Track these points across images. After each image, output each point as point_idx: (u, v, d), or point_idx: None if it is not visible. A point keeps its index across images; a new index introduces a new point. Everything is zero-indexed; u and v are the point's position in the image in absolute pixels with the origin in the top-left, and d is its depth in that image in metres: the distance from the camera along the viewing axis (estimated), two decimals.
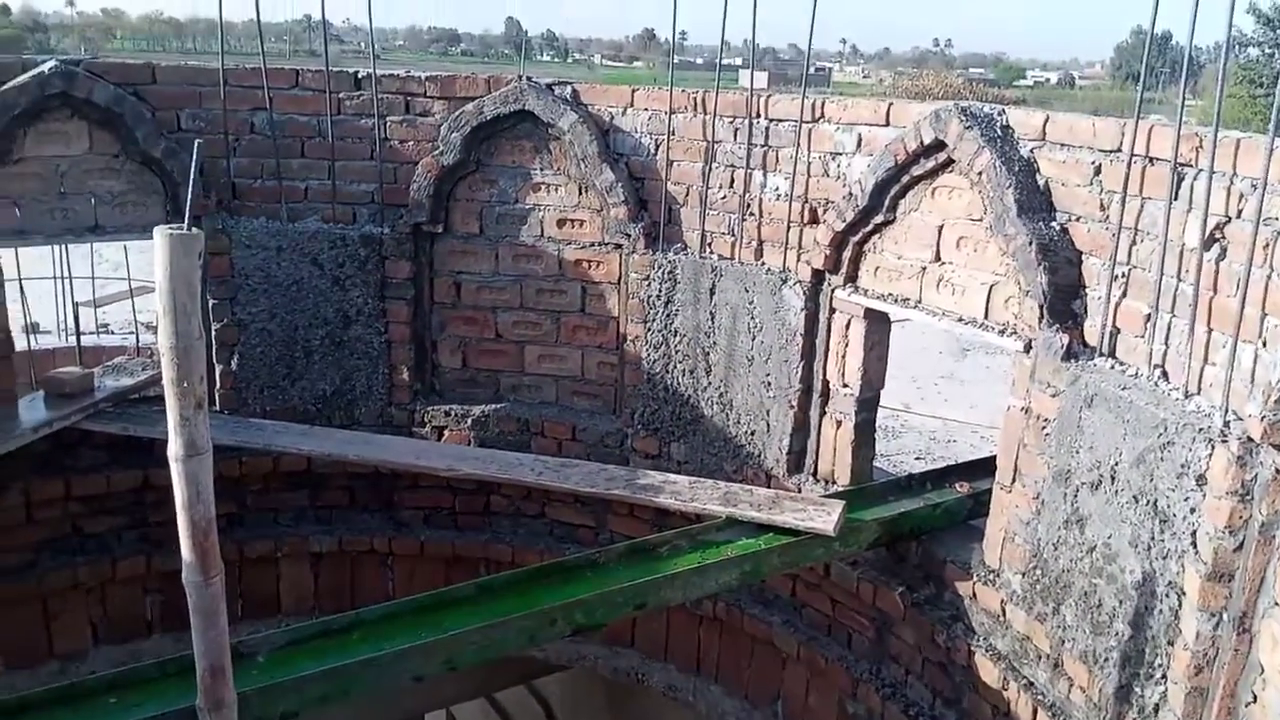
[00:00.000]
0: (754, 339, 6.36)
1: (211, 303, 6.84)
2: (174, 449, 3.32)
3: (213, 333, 6.88)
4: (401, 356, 7.15)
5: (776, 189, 6.20)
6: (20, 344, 8.68)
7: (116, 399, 6.71)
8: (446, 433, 7.25)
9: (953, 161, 5.14)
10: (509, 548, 7.40)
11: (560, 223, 6.94)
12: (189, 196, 3.03)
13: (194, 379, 3.22)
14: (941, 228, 5.37)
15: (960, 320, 5.33)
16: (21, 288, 11.81)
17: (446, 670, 4.60)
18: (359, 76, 6.80)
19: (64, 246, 8.61)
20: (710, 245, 6.57)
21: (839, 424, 6.10)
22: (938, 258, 5.41)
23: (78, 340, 8.45)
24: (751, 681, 6.87)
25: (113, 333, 13.41)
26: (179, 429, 3.28)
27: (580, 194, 6.82)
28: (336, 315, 7.00)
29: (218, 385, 6.99)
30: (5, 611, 6.54)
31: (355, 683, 4.32)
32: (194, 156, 2.98)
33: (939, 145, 5.15)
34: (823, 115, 5.91)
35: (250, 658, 4.29)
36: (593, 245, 6.91)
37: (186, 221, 3.11)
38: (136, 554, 6.91)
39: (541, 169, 6.85)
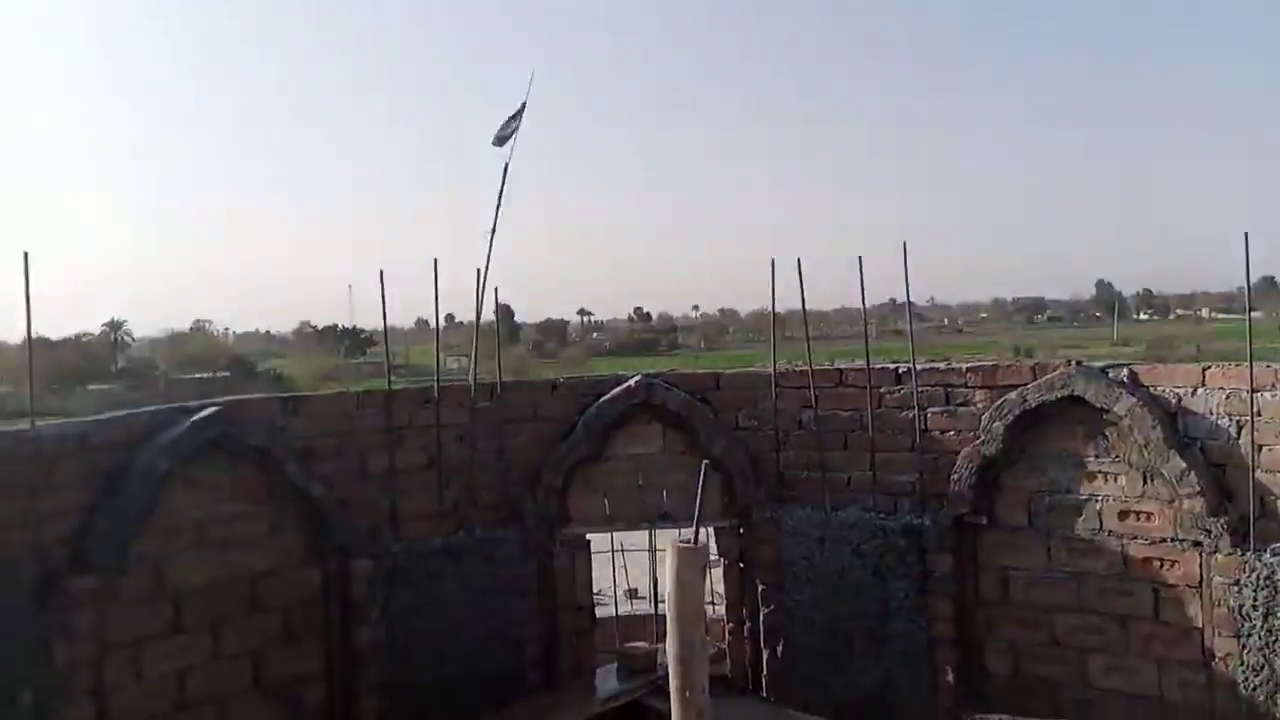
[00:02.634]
0: None
1: (760, 588, 7.17)
2: None
3: (760, 619, 7.16)
4: (945, 656, 6.72)
5: None
6: (614, 609, 9.81)
7: None
8: None
9: None
10: None
11: (1122, 514, 6.19)
12: (695, 515, 3.28)
13: (695, 688, 3.34)
14: None
15: None
16: (624, 558, 13.55)
17: None
18: (900, 372, 6.98)
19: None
20: None
21: None
22: None
23: (654, 610, 9.30)
24: None
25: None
26: None
27: (1145, 483, 6.06)
28: (878, 608, 6.87)
29: (764, 671, 7.17)
30: None
31: None
32: (700, 476, 3.24)
33: None
34: None
35: None
36: (1163, 541, 6.01)
37: (694, 535, 3.35)
38: None
39: (1097, 456, 6.26)
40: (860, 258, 7.15)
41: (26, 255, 5.40)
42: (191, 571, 6.03)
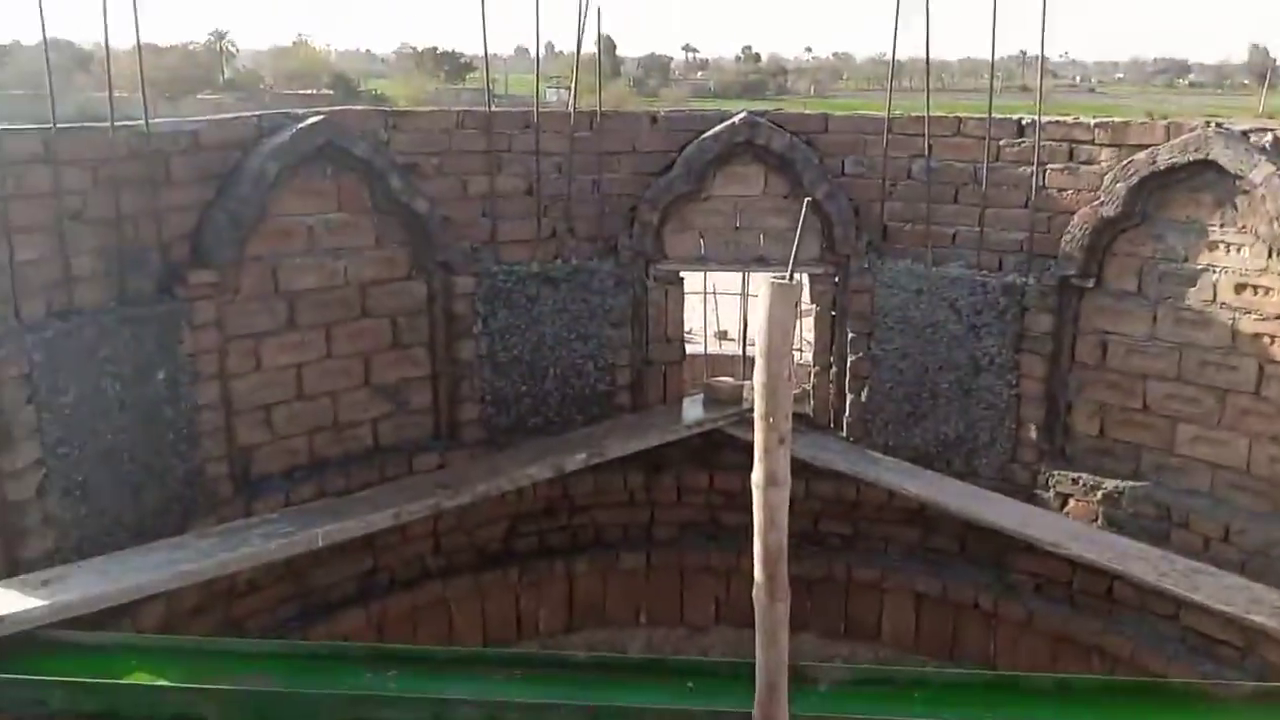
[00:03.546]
0: None
1: (849, 336, 7.23)
2: (756, 476, 3.58)
3: (848, 364, 7.27)
4: (1031, 413, 6.79)
5: None
6: (703, 348, 10.09)
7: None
8: (1072, 502, 6.70)
9: None
10: (1128, 643, 6.57)
11: (1239, 288, 5.95)
12: (793, 252, 3.25)
13: (779, 416, 3.44)
14: None
15: None
16: (716, 301, 13.77)
17: None
18: (1022, 123, 6.59)
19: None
20: None
21: None
22: None
23: (743, 352, 9.51)
24: None
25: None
26: (761, 458, 3.53)
27: (1269, 257, 5.77)
28: (968, 362, 6.89)
29: (846, 414, 7.37)
30: (653, 577, 7.70)
31: None
32: (802, 214, 3.18)
33: None
34: None
35: (812, 684, 4.45)
36: (1278, 318, 5.79)
37: (789, 273, 3.33)
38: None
39: (1222, 226, 5.94)
40: None
41: None
42: (303, 274, 6.34)
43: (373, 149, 6.36)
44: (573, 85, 7.45)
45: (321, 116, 6.23)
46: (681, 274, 7.46)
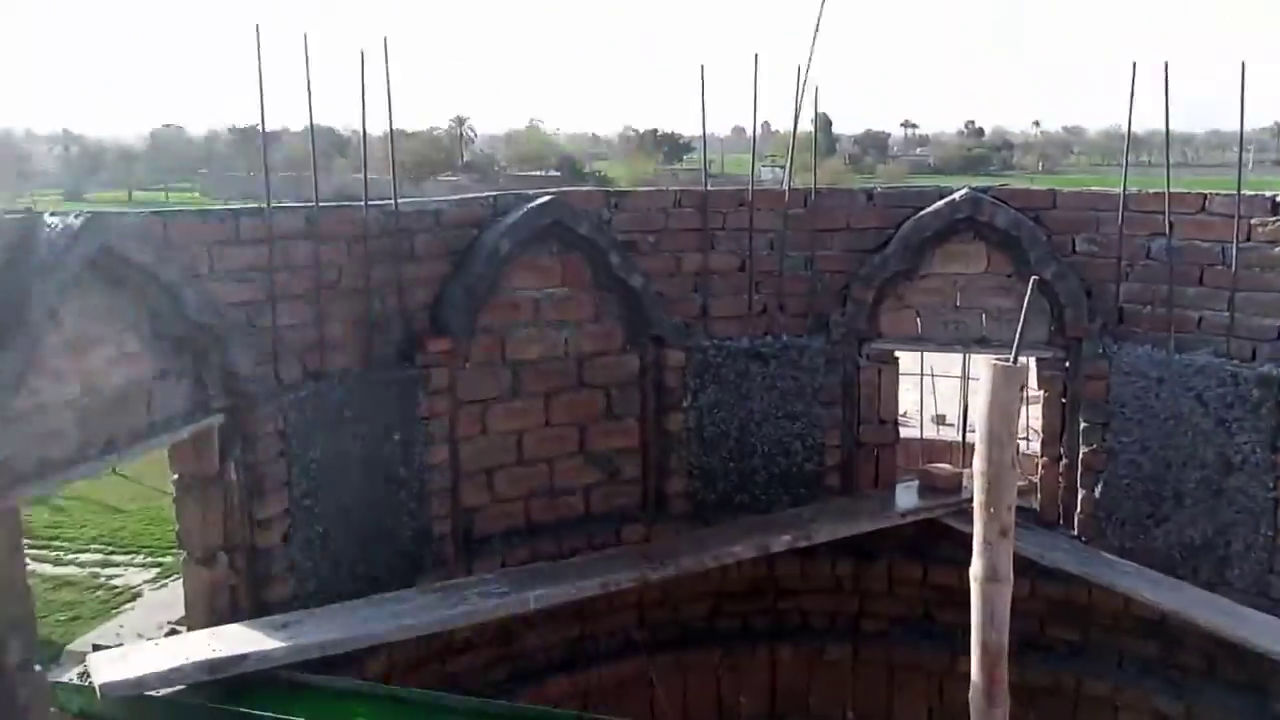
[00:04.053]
0: None
1: (1082, 425, 6.78)
2: (974, 570, 3.42)
3: (1079, 456, 6.82)
4: None
5: None
6: (919, 432, 9.78)
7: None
8: None
9: None
10: None
11: None
12: (1018, 330, 3.12)
13: (1001, 507, 3.28)
14: None
15: None
16: (933, 384, 13.31)
17: None
18: (1277, 200, 6.07)
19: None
20: None
21: None
22: None
23: (962, 438, 9.13)
24: None
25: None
26: (981, 551, 3.36)
27: None
28: (1217, 459, 6.30)
29: (1077, 510, 6.88)
30: (860, 671, 7.41)
31: None
32: (1026, 294, 3.06)
33: None
34: None
35: None
36: None
37: (1013, 355, 3.20)
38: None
39: None
40: (1243, 64, 6.12)
41: (386, 40, 5.82)
42: (528, 345, 6.67)
43: (595, 227, 6.65)
44: (788, 163, 7.53)
45: (550, 197, 6.59)
46: (896, 353, 7.29)
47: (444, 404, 6.30)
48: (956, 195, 6.90)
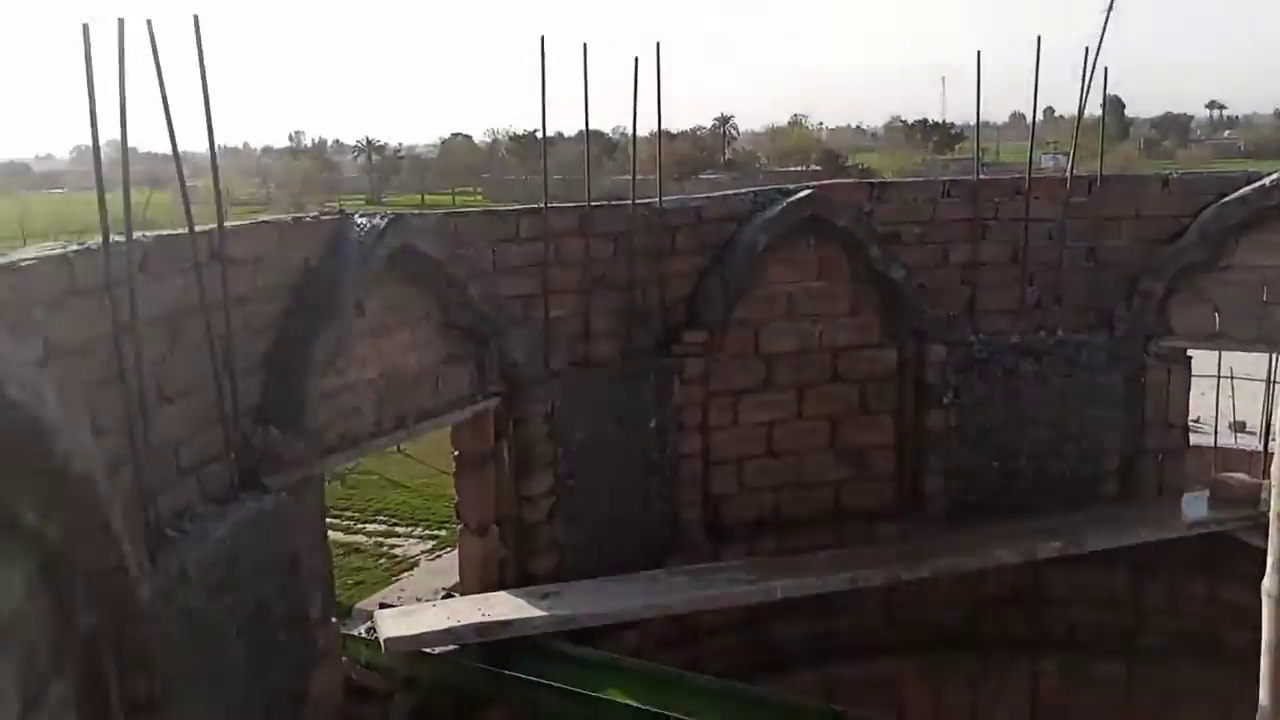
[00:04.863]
0: None
1: None
2: (1268, 584, 3.13)
3: None
4: None
5: None
6: (1213, 439, 8.92)
7: None
8: None
9: None
10: None
11: None
12: None
13: None
14: None
15: None
16: (1231, 386, 12.01)
17: None
18: None
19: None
20: None
21: None
22: None
23: (1264, 448, 8.20)
24: None
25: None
26: (1277, 565, 3.07)
27: None
28: None
29: None
30: (1134, 691, 6.87)
31: None
32: None
33: None
34: None
35: None
36: None
37: None
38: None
39: None
40: None
41: (659, 46, 6.02)
42: (781, 338, 6.71)
43: (854, 220, 6.57)
44: (1072, 149, 7.08)
45: (809, 191, 6.58)
46: (1190, 352, 6.68)
47: (698, 394, 6.46)
48: (1267, 180, 6.23)
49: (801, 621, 6.82)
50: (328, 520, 5.06)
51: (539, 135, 6.19)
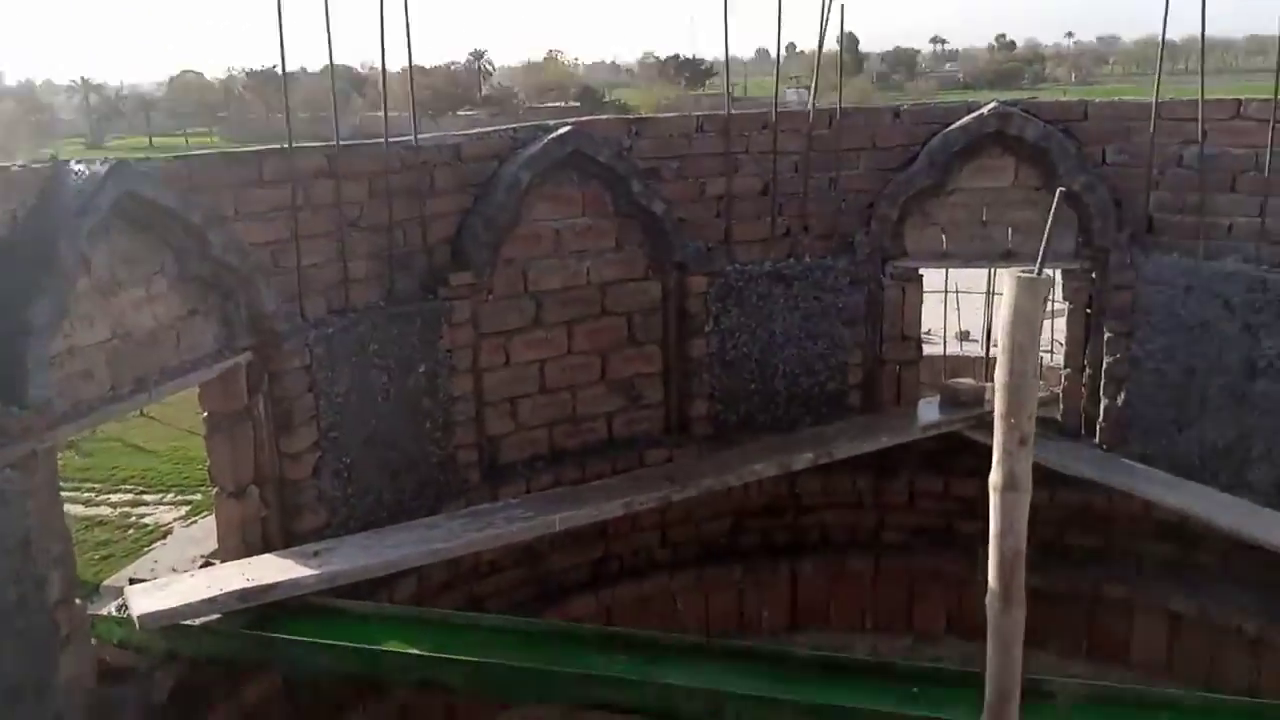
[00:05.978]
0: None
1: (1106, 336, 6.75)
2: (994, 478, 3.43)
3: (1103, 366, 6.80)
4: None
5: None
6: (943, 349, 9.76)
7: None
8: None
9: None
10: None
11: None
12: (1043, 242, 3.09)
13: (1021, 416, 3.28)
14: None
15: None
16: (958, 300, 13.21)
17: None
18: None
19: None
20: None
21: None
22: None
23: (986, 354, 9.09)
24: None
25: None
26: (1001, 460, 3.37)
27: None
28: (1242, 364, 6.26)
29: (1100, 420, 6.89)
30: (881, 582, 7.52)
31: None
32: (1054, 203, 3.02)
33: None
34: None
35: (1047, 698, 4.20)
36: None
37: (1038, 267, 3.17)
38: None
39: None
40: None
41: None
42: (550, 275, 6.69)
43: (616, 156, 6.61)
44: (813, 84, 7.41)
45: (570, 127, 6.55)
46: (920, 271, 7.24)
47: (467, 336, 6.36)
48: (985, 109, 6.79)
49: (580, 551, 6.98)
50: (64, 494, 4.62)
51: (279, 70, 5.77)
